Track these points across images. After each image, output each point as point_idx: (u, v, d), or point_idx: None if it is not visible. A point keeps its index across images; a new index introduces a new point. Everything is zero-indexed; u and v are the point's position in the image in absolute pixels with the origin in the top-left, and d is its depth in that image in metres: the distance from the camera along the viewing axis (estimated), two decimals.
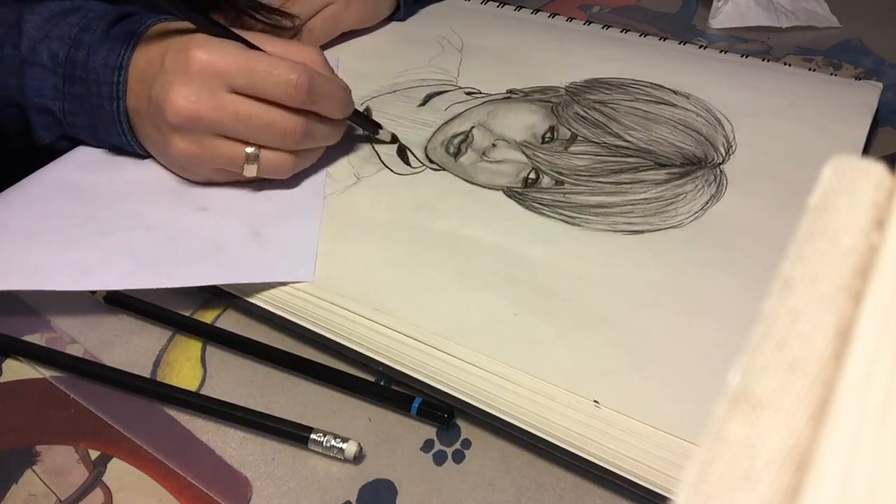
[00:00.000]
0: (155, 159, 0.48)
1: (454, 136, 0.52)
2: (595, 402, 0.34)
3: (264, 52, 0.44)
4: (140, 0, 0.49)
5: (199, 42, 0.43)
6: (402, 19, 0.66)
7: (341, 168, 0.49)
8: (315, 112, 0.45)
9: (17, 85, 0.47)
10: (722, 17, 0.68)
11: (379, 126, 0.51)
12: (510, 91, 0.56)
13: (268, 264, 0.42)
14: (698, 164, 0.49)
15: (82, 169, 0.48)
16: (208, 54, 0.42)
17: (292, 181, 0.47)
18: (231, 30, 0.45)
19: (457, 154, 0.50)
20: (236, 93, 0.43)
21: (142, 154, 0.48)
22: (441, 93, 0.56)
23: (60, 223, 0.44)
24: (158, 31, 0.46)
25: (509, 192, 0.47)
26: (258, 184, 0.47)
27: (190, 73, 0.42)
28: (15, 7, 0.48)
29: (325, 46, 0.60)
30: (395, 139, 0.51)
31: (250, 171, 0.45)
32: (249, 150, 0.44)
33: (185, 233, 0.44)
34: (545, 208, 0.46)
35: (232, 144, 0.44)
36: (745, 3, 0.68)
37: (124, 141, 0.47)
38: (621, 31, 0.64)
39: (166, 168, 0.48)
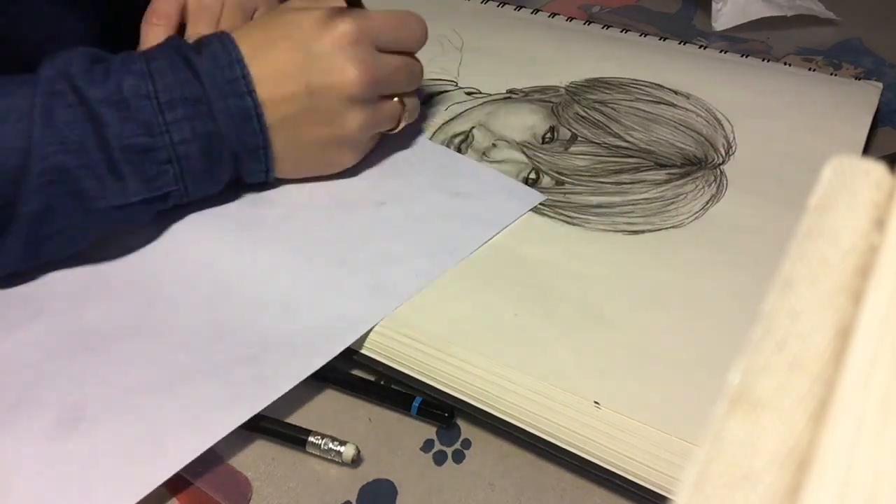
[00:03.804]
0: None
1: (454, 136, 0.52)
2: (595, 402, 0.34)
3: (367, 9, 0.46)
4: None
5: (337, 18, 0.43)
6: None
7: None
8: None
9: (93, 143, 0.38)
10: (724, 19, 0.68)
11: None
12: (510, 91, 0.56)
13: None
14: (698, 164, 0.49)
15: None
16: (353, 24, 0.43)
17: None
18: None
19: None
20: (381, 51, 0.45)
21: (265, 179, 0.45)
22: (441, 93, 0.56)
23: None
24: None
25: None
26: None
27: (349, 46, 0.43)
28: (19, 91, 0.38)
29: None
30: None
31: (405, 121, 0.48)
32: (401, 102, 0.47)
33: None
34: (545, 208, 0.46)
35: (388, 102, 0.46)
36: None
37: (258, 142, 0.42)
38: (621, 31, 0.64)
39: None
